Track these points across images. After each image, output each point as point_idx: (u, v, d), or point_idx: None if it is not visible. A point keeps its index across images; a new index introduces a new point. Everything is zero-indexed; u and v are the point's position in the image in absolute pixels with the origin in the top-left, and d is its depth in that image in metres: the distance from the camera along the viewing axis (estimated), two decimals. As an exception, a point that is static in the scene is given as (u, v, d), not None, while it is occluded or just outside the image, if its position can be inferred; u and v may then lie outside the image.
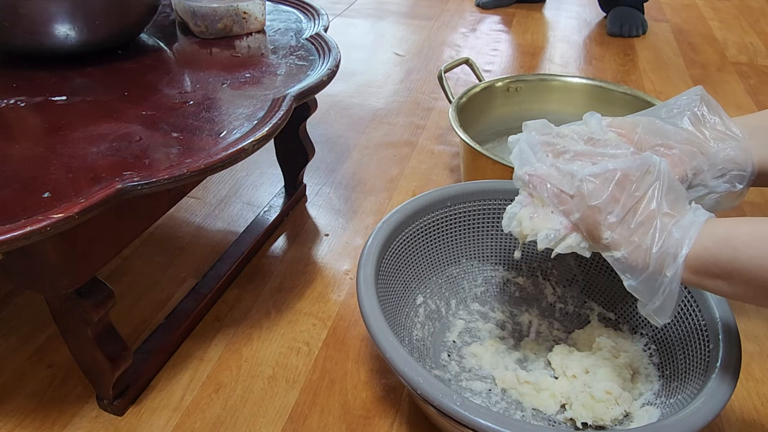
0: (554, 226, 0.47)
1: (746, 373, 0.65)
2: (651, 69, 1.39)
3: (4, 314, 0.71)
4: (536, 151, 0.49)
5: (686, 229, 0.42)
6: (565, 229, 0.47)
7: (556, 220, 0.47)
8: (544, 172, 0.48)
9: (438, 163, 1.02)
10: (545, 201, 0.48)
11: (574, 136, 0.50)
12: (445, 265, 0.68)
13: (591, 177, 0.45)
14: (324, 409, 0.60)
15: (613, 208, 0.44)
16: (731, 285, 0.41)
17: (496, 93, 0.98)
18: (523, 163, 0.49)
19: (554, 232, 0.47)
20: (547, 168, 0.48)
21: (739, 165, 0.51)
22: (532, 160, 0.49)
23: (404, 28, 1.63)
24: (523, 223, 0.49)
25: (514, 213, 0.50)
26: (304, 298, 0.74)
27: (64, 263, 0.47)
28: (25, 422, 0.59)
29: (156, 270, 0.77)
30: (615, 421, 0.54)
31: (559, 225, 0.47)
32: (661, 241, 0.42)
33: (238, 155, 0.50)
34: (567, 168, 0.47)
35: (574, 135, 0.50)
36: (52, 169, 0.47)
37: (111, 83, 0.61)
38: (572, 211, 0.46)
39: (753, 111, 1.20)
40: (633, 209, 0.44)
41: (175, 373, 0.64)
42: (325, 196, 0.93)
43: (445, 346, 0.64)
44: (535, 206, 0.49)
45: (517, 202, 0.50)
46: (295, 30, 0.76)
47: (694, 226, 0.42)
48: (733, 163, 0.51)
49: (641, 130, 0.52)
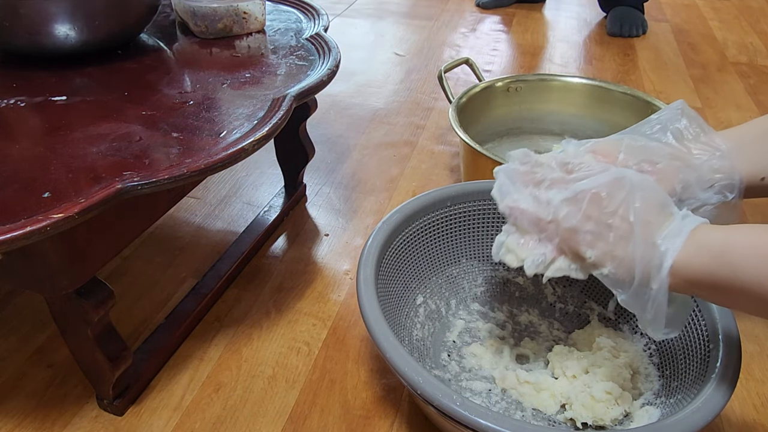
0: (540, 251, 0.48)
1: (746, 373, 0.65)
2: (651, 69, 1.39)
3: (4, 314, 0.71)
4: (515, 181, 0.51)
5: (672, 238, 0.42)
6: (551, 253, 0.48)
7: (542, 246, 0.49)
8: (522, 203, 0.49)
9: (438, 163, 1.02)
10: (527, 230, 0.49)
11: (552, 164, 0.51)
12: (445, 265, 0.68)
13: (564, 201, 0.46)
14: (324, 409, 0.60)
15: (588, 226, 0.45)
16: (730, 298, 0.41)
17: (496, 93, 0.98)
18: (503, 196, 0.51)
19: (541, 257, 0.48)
20: (525, 198, 0.49)
21: (726, 174, 0.51)
22: (512, 191, 0.50)
23: (404, 28, 1.63)
24: (510, 251, 0.50)
25: (502, 242, 0.51)
26: (304, 298, 0.74)
27: (64, 263, 0.47)
28: (25, 422, 0.59)
29: (156, 270, 0.77)
30: (615, 421, 0.54)
31: (545, 249, 0.48)
32: (642, 253, 0.43)
33: (238, 155, 0.50)
34: (543, 196, 0.48)
35: (552, 162, 0.51)
36: (52, 169, 0.47)
37: (111, 83, 0.61)
38: (552, 236, 0.48)
39: (753, 111, 1.20)
40: (608, 225, 0.44)
41: (175, 373, 0.64)
42: (325, 196, 0.93)
43: (445, 346, 0.64)
44: (521, 234, 0.50)
45: (505, 231, 0.51)
46: (295, 30, 0.76)
47: (680, 235, 0.42)
48: (720, 173, 0.52)
49: (624, 149, 0.52)
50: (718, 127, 1.23)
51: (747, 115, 1.19)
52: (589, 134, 1.00)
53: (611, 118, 0.98)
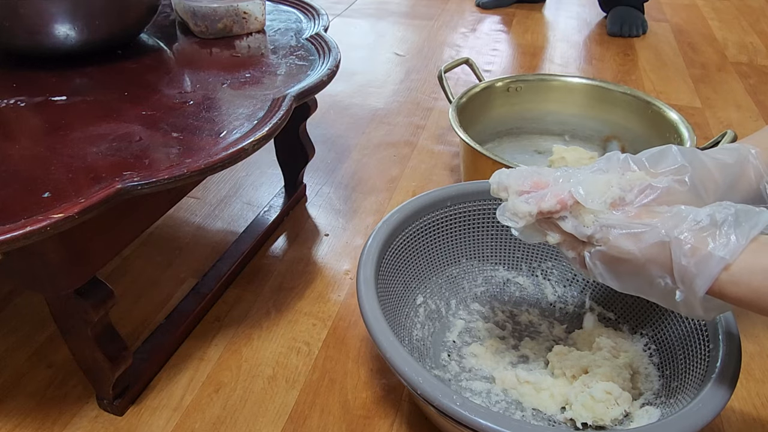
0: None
1: (746, 373, 0.65)
2: (651, 69, 1.39)
3: (4, 314, 0.71)
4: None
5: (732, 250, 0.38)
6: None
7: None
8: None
9: (438, 163, 1.02)
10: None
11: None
12: (445, 265, 0.68)
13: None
14: (324, 409, 0.60)
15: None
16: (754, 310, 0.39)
17: (496, 93, 0.98)
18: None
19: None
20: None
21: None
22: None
23: (404, 28, 1.63)
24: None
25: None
26: (304, 298, 0.74)
27: (64, 263, 0.47)
28: (25, 422, 0.59)
29: (156, 270, 0.77)
30: (615, 421, 0.54)
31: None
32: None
33: (238, 155, 0.50)
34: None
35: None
36: (52, 169, 0.47)
37: (111, 83, 0.61)
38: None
39: (753, 111, 1.20)
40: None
41: (175, 373, 0.64)
42: (325, 196, 0.93)
43: (445, 346, 0.64)
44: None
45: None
46: (295, 30, 0.76)
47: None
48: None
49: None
50: (718, 127, 1.23)
51: (747, 115, 1.19)
52: (589, 134, 1.00)
53: (611, 118, 0.98)
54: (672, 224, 0.40)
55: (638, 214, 0.43)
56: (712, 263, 0.38)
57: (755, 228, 0.38)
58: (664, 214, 0.42)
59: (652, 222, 0.41)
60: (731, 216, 0.39)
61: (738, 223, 0.39)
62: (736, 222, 0.39)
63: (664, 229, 0.40)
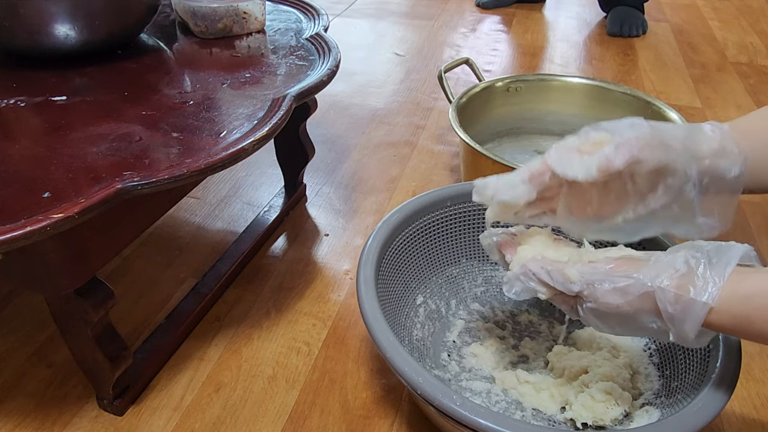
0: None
1: (746, 373, 0.65)
2: (651, 69, 1.39)
3: (4, 314, 0.71)
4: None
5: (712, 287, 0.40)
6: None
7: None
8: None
9: (438, 163, 1.02)
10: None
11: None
12: (445, 265, 0.68)
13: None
14: (324, 409, 0.60)
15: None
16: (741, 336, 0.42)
17: (496, 93, 0.98)
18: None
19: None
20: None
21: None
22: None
23: (404, 28, 1.63)
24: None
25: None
26: (304, 298, 0.74)
27: (64, 263, 0.47)
28: (25, 422, 0.59)
29: (156, 270, 0.77)
30: (615, 421, 0.54)
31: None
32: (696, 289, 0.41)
33: (238, 155, 0.50)
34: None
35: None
36: (52, 169, 0.47)
37: (111, 83, 0.61)
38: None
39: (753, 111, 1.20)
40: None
41: (175, 373, 0.64)
42: (325, 196, 0.93)
43: (445, 346, 0.64)
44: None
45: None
46: (295, 30, 0.76)
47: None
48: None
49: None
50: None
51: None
52: (589, 134, 1.00)
53: (611, 118, 0.96)
54: (654, 274, 0.42)
55: (618, 264, 0.44)
56: (696, 308, 0.40)
57: (729, 265, 0.40)
58: (646, 261, 0.43)
59: (635, 274, 0.43)
60: (704, 259, 0.41)
61: (712, 264, 0.41)
62: (709, 264, 0.41)
63: (647, 280, 0.42)
